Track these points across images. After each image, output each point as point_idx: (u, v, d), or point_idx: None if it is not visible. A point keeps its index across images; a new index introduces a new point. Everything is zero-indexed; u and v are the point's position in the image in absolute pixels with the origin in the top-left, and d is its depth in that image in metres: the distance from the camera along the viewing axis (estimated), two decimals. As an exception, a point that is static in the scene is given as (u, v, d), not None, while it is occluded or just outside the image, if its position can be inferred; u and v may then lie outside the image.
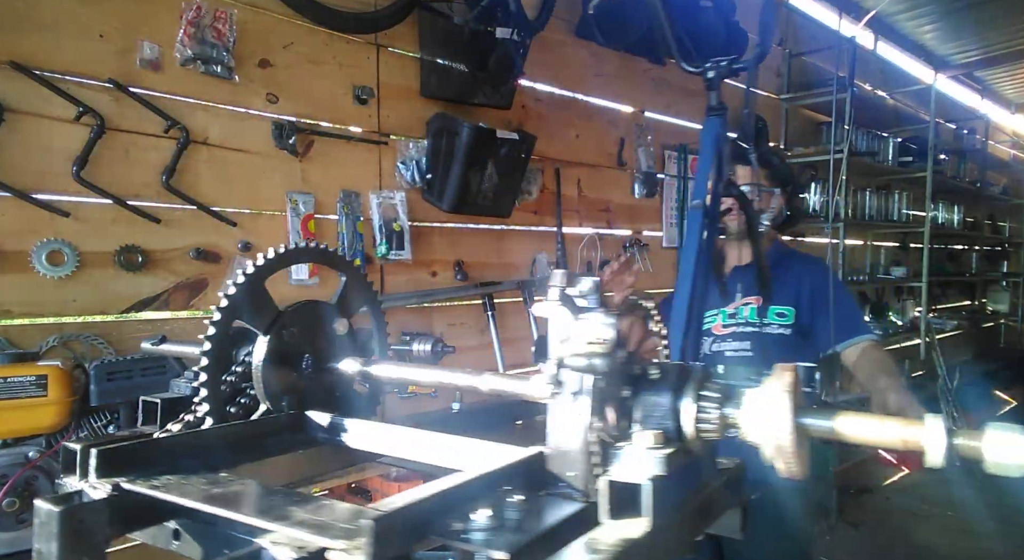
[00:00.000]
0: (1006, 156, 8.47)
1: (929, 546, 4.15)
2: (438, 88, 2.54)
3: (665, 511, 0.55)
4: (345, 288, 0.98)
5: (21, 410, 1.40)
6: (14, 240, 1.69)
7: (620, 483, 0.54)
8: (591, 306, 0.61)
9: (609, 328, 0.58)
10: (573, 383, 0.59)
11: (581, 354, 0.58)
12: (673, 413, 0.60)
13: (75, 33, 1.77)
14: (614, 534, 0.53)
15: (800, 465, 0.57)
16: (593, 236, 3.24)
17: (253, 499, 0.60)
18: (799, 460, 0.57)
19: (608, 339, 0.58)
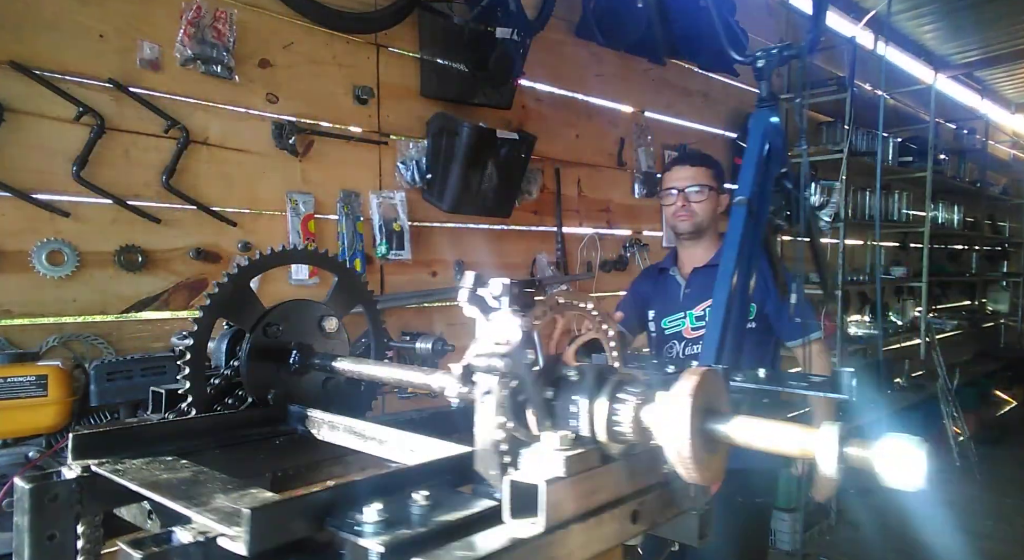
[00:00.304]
0: (1006, 156, 8.47)
1: (929, 546, 4.15)
2: (438, 88, 2.54)
3: (561, 514, 0.53)
4: (336, 288, 1.00)
5: (21, 410, 1.40)
6: (14, 240, 1.69)
7: (520, 483, 0.53)
8: (500, 307, 0.60)
9: (515, 329, 0.58)
10: (485, 383, 0.59)
11: (484, 354, 0.57)
12: (588, 415, 0.60)
13: (75, 33, 1.77)
14: (504, 534, 0.52)
15: (704, 472, 0.55)
16: (593, 236, 3.24)
17: (189, 485, 0.62)
18: (702, 467, 0.54)
19: (513, 340, 0.57)
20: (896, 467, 0.48)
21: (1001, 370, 6.97)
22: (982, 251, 7.76)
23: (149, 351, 1.83)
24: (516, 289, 0.60)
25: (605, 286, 3.34)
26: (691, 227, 2.17)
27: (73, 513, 0.66)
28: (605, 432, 0.59)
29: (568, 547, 0.54)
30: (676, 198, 2.17)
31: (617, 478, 0.59)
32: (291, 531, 0.52)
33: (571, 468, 0.54)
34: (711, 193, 2.18)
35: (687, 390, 0.54)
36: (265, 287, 2.01)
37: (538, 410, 0.62)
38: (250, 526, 0.49)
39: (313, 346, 0.94)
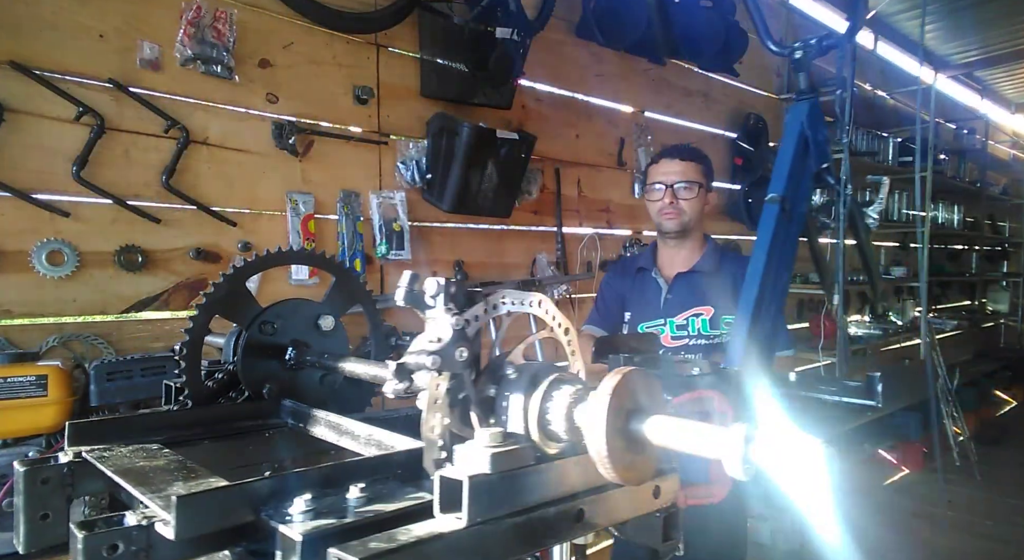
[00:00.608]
0: (1006, 156, 8.47)
1: (929, 546, 4.14)
2: (438, 88, 2.54)
3: (486, 511, 0.53)
4: (334, 287, 1.02)
5: (21, 410, 1.40)
6: (14, 240, 1.69)
7: (447, 478, 0.53)
8: (435, 306, 0.61)
9: (447, 327, 0.58)
10: (422, 380, 0.59)
11: (416, 352, 0.58)
12: (522, 413, 0.60)
13: (75, 33, 1.77)
14: (427, 528, 0.53)
15: (626, 472, 0.54)
16: (593, 236, 3.24)
17: (157, 473, 0.65)
18: (622, 467, 0.54)
19: (445, 338, 0.57)
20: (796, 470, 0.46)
21: (1001, 370, 6.97)
22: (982, 251, 7.76)
23: (149, 351, 1.83)
24: (452, 288, 0.60)
25: (605, 286, 3.34)
26: (678, 226, 2.04)
27: (65, 495, 0.70)
28: (538, 430, 0.59)
29: (494, 543, 0.54)
30: (663, 194, 2.03)
31: (556, 477, 0.59)
32: (221, 519, 0.54)
33: (498, 465, 0.54)
34: (700, 190, 2.05)
35: (607, 389, 0.53)
36: (265, 287, 2.01)
37: (477, 407, 0.63)
38: (176, 512, 0.51)
39: (310, 344, 0.95)
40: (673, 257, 2.12)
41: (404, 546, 0.50)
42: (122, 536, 0.54)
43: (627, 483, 0.55)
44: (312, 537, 0.50)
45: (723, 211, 4.14)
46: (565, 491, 0.60)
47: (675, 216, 2.03)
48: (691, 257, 2.09)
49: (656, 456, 0.57)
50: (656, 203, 2.06)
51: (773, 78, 4.47)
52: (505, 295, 0.65)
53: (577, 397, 0.58)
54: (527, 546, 0.57)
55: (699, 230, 2.12)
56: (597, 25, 3.02)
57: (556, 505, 0.59)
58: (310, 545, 0.50)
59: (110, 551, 0.53)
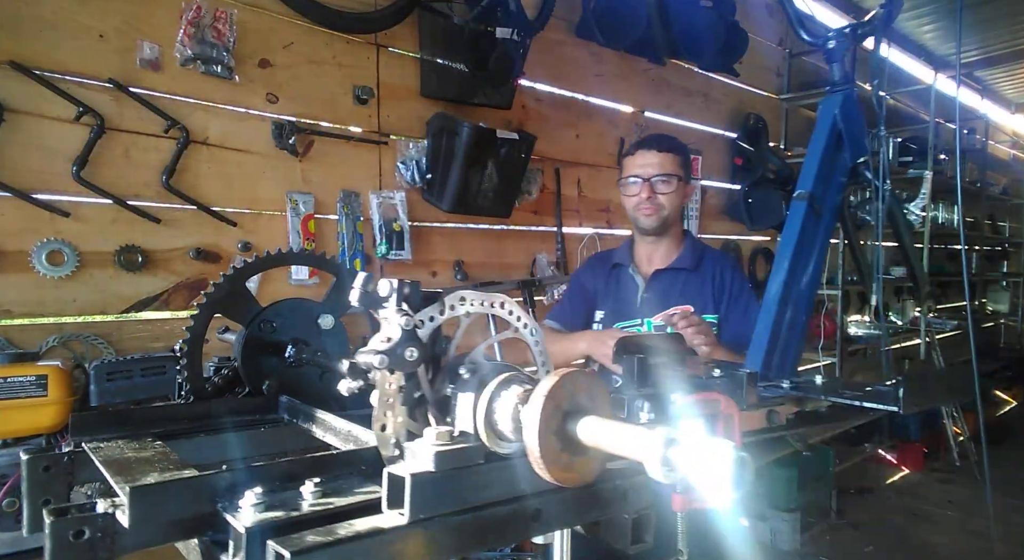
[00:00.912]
0: (1006, 156, 8.47)
1: (929, 546, 4.15)
2: (438, 88, 2.54)
3: (429, 508, 0.54)
4: (334, 287, 1.04)
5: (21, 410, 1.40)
6: (14, 240, 1.70)
7: (393, 475, 0.54)
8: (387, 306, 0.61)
9: (396, 327, 0.59)
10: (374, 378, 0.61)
11: (367, 351, 0.58)
12: (471, 412, 0.60)
13: (75, 33, 1.77)
14: (369, 523, 0.53)
15: (562, 473, 0.54)
16: (593, 236, 3.24)
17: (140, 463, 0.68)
18: (556, 467, 0.53)
19: (394, 338, 0.58)
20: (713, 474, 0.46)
21: (1001, 370, 6.96)
22: (982, 251, 7.75)
23: (149, 351, 1.83)
24: (406, 289, 0.61)
25: (605, 286, 3.34)
26: (656, 222, 1.93)
27: (66, 482, 0.74)
28: (485, 430, 0.59)
29: (438, 540, 0.55)
30: (640, 188, 1.91)
31: (507, 477, 0.59)
32: (177, 509, 0.56)
33: (442, 463, 0.55)
34: (679, 183, 1.92)
35: (542, 390, 0.53)
36: (265, 286, 2.01)
37: (433, 407, 0.63)
38: (129, 501, 0.54)
39: (310, 342, 0.96)
40: (651, 253, 2.02)
41: (342, 540, 0.50)
42: (88, 522, 0.56)
43: (565, 484, 0.55)
44: (256, 529, 0.52)
45: (723, 211, 4.14)
46: (518, 491, 0.60)
47: (653, 211, 1.92)
48: (670, 254, 2.00)
49: (601, 458, 0.57)
50: (632, 198, 1.95)
51: (773, 78, 4.47)
52: (464, 296, 0.65)
53: (523, 398, 0.58)
54: (476, 544, 0.57)
55: (678, 225, 2.02)
56: (597, 25, 3.02)
57: (509, 504, 0.59)
58: (253, 537, 0.51)
59: (76, 536, 0.55)
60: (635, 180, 1.93)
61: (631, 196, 1.95)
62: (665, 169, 1.90)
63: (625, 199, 1.99)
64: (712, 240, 4.07)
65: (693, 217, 3.82)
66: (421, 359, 0.60)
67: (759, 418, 1.04)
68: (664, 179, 1.90)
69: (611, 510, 0.67)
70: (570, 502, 0.64)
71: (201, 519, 0.57)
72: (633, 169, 1.95)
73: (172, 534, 0.57)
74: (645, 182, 1.90)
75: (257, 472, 0.60)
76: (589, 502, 0.65)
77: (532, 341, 0.70)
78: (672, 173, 1.91)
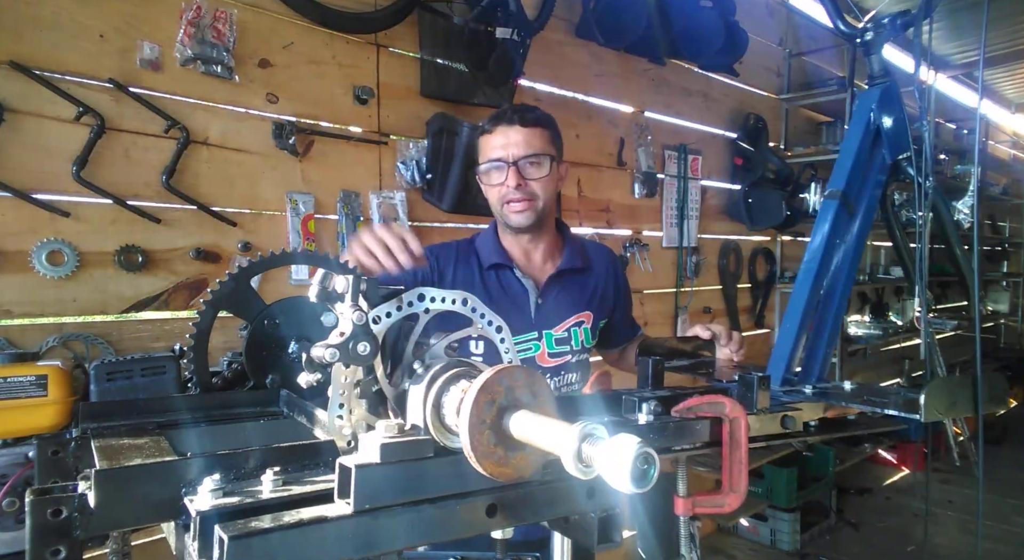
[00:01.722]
0: (1006, 156, 8.47)
1: (929, 546, 4.15)
2: (438, 88, 2.54)
3: (374, 499, 0.55)
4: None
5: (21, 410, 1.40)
6: (14, 240, 1.70)
7: (342, 466, 0.55)
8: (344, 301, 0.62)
9: (348, 322, 0.60)
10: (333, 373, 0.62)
11: (320, 345, 0.60)
12: (421, 406, 0.61)
13: (75, 33, 1.77)
14: (314, 512, 0.54)
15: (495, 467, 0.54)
16: (593, 236, 3.24)
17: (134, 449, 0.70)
18: (489, 461, 0.54)
19: (347, 332, 0.59)
20: (616, 469, 0.46)
21: (1001, 370, 6.96)
22: (982, 251, 7.75)
23: (149, 351, 1.83)
24: (363, 286, 0.62)
25: (605, 286, 3.34)
26: (531, 218, 1.56)
27: (72, 467, 0.78)
28: (433, 423, 0.60)
29: (384, 531, 0.56)
30: (505, 174, 1.53)
31: (459, 470, 0.59)
32: (141, 493, 0.58)
33: (388, 455, 0.55)
34: (552, 165, 1.56)
35: (477, 383, 0.54)
36: (265, 286, 2.01)
37: (393, 401, 0.65)
38: (95, 484, 0.56)
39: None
40: (529, 253, 1.65)
41: (284, 526, 0.52)
42: (65, 502, 0.59)
43: (499, 479, 0.56)
44: (212, 514, 0.53)
45: (723, 211, 4.14)
46: (468, 485, 0.60)
47: (526, 205, 1.54)
48: (552, 252, 1.67)
49: (539, 454, 0.57)
50: (497, 188, 1.57)
51: (773, 78, 4.48)
52: (424, 293, 0.66)
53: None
54: (423, 536, 0.58)
55: (553, 215, 1.68)
56: (597, 25, 3.02)
57: (459, 498, 0.60)
58: (207, 521, 0.53)
59: (54, 514, 0.59)
60: (498, 164, 1.54)
61: (494, 186, 1.57)
62: (533, 148, 1.53)
63: (487, 190, 1.61)
64: (712, 240, 4.08)
65: (693, 217, 3.82)
66: (374, 353, 0.61)
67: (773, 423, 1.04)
68: (534, 161, 1.53)
69: (574, 508, 0.67)
70: (528, 498, 0.64)
71: (168, 503, 0.59)
72: (493, 151, 1.56)
73: (140, 516, 0.59)
74: (511, 166, 1.52)
75: (222, 460, 0.62)
76: (549, 499, 0.65)
77: (497, 338, 0.71)
78: (543, 152, 1.54)
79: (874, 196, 1.50)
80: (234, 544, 0.49)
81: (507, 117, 1.57)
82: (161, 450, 0.69)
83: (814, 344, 1.40)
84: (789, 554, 3.98)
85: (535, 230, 1.61)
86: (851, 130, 1.50)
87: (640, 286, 3.55)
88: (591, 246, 1.79)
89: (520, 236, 1.63)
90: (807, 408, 1.11)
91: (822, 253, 1.38)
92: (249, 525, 0.51)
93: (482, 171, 1.60)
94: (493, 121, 1.59)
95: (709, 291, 4.07)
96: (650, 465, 0.46)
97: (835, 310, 1.43)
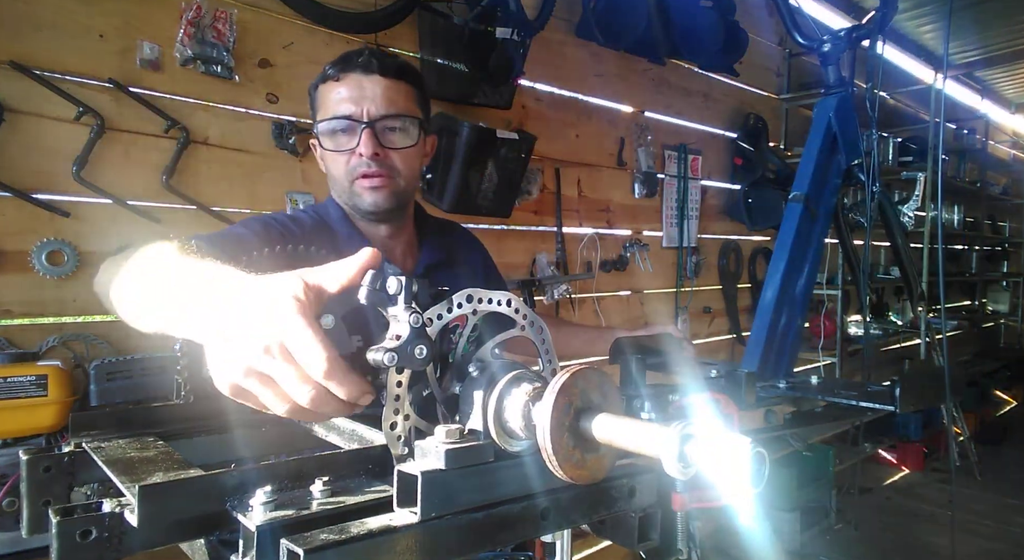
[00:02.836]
0: (1006, 156, 8.47)
1: (929, 546, 4.15)
2: (438, 88, 2.54)
3: (441, 506, 0.54)
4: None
5: (21, 410, 1.41)
6: (14, 240, 1.69)
7: (404, 473, 0.54)
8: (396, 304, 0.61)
9: (405, 325, 0.59)
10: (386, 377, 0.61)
11: (376, 349, 0.59)
12: (481, 410, 0.60)
13: (75, 33, 1.77)
14: (380, 521, 0.53)
15: (574, 470, 0.54)
16: (593, 236, 3.24)
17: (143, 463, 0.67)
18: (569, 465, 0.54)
19: (403, 335, 0.59)
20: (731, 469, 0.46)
21: (1001, 370, 6.97)
22: (982, 251, 7.76)
23: (149, 351, 1.83)
24: (414, 287, 0.61)
25: (605, 286, 3.34)
26: (392, 201, 1.22)
27: (66, 483, 0.74)
28: (495, 428, 0.59)
29: (449, 538, 0.55)
30: (357, 137, 1.17)
31: (517, 474, 0.59)
32: (184, 508, 0.56)
33: (453, 461, 0.55)
34: (420, 133, 1.24)
35: (554, 387, 0.54)
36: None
37: (442, 405, 0.64)
38: (138, 500, 0.53)
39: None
40: (390, 243, 1.33)
41: (355, 538, 0.50)
42: (95, 522, 0.56)
43: (577, 481, 0.55)
44: (267, 528, 0.52)
45: (723, 211, 4.14)
46: (528, 489, 0.60)
47: (383, 181, 1.19)
48: (412, 240, 1.39)
49: (613, 455, 0.57)
50: (344, 156, 1.20)
51: (773, 78, 4.48)
52: (471, 294, 0.65)
53: (534, 395, 0.59)
54: (487, 542, 0.57)
55: (413, 200, 1.36)
56: (597, 25, 3.02)
57: (519, 502, 0.59)
58: (265, 535, 0.51)
59: (83, 536, 0.55)
60: (347, 124, 1.18)
61: (339, 152, 1.20)
62: (398, 106, 1.18)
63: (330, 158, 1.24)
64: (712, 240, 4.08)
65: (693, 217, 3.82)
66: (430, 357, 0.60)
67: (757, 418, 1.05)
68: (397, 125, 1.19)
69: (618, 508, 0.67)
70: (578, 500, 0.64)
71: (209, 518, 0.57)
72: (340, 105, 1.18)
73: (180, 534, 0.57)
74: (366, 128, 1.16)
75: (265, 471, 0.60)
76: (597, 500, 0.65)
77: (538, 339, 0.70)
78: (408, 113, 1.20)
79: (832, 199, 1.56)
80: (310, 558, 0.47)
81: (362, 62, 1.18)
82: (178, 462, 0.67)
83: (783, 340, 1.43)
84: (789, 554, 3.98)
85: (396, 218, 1.28)
86: (811, 136, 1.57)
87: (640, 286, 3.55)
88: (451, 232, 1.51)
89: (378, 226, 1.28)
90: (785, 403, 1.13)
91: (788, 253, 1.43)
92: (319, 538, 0.49)
93: (323, 131, 1.20)
94: (342, 65, 1.20)
95: (709, 291, 4.07)
96: (763, 464, 0.46)
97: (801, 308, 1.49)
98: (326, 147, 1.23)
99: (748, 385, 1.04)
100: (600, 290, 3.31)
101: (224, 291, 0.61)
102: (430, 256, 1.38)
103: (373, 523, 0.53)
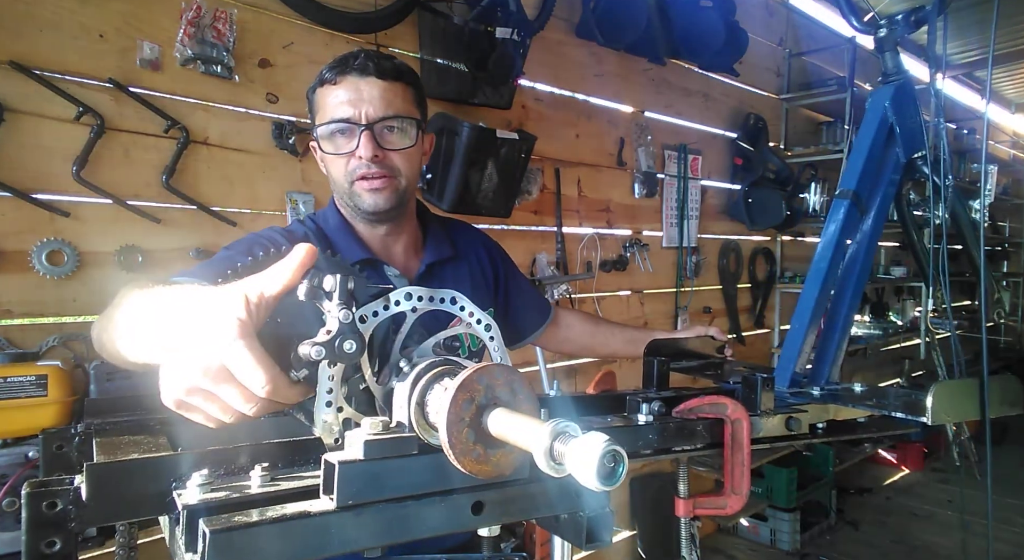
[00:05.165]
0: (1006, 156, 8.47)
1: (929, 546, 4.15)
2: (438, 88, 2.54)
3: (357, 495, 0.55)
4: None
5: (21, 410, 1.41)
6: (14, 240, 1.69)
7: (327, 462, 0.56)
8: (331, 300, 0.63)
9: (334, 321, 0.61)
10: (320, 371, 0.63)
11: (307, 343, 0.61)
12: (406, 404, 0.61)
13: (75, 33, 1.77)
14: (297, 507, 0.55)
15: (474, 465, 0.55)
16: (593, 236, 3.24)
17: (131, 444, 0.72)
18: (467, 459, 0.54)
19: (333, 330, 0.60)
20: (584, 466, 0.46)
21: (1001, 370, 6.96)
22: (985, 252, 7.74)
23: (149, 351, 1.83)
24: (350, 285, 0.63)
25: (605, 286, 3.34)
26: (393, 201, 1.24)
27: (76, 460, 0.80)
28: (417, 420, 0.60)
29: (366, 527, 0.56)
30: (357, 139, 1.19)
31: (443, 467, 0.59)
32: (129, 487, 0.60)
33: (372, 452, 0.56)
34: (419, 134, 1.26)
35: (456, 381, 0.54)
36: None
37: (380, 400, 0.66)
38: (86, 478, 0.58)
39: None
40: (391, 247, 1.35)
41: (267, 521, 0.52)
42: (60, 495, 0.60)
43: (479, 476, 0.56)
44: (199, 508, 0.54)
45: (723, 211, 4.14)
46: (452, 482, 0.60)
47: (384, 182, 1.22)
48: (415, 240, 1.40)
49: (520, 451, 0.57)
50: (343, 159, 1.22)
51: (773, 78, 4.48)
52: (411, 292, 0.66)
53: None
54: (406, 532, 0.58)
55: (415, 199, 1.38)
56: (597, 25, 3.02)
57: (443, 496, 0.60)
58: (191, 515, 0.54)
59: (49, 507, 0.60)
60: (346, 126, 1.20)
61: (340, 155, 1.22)
62: (396, 108, 1.20)
63: (330, 161, 1.26)
64: (712, 240, 4.08)
65: (693, 217, 3.82)
66: (360, 352, 0.62)
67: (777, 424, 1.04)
68: (396, 125, 1.21)
69: (563, 508, 0.68)
70: (516, 496, 0.64)
71: (158, 498, 0.60)
72: (339, 108, 1.20)
73: (131, 511, 0.61)
74: (365, 130, 1.18)
75: (211, 456, 0.63)
76: (537, 497, 0.65)
77: (486, 336, 0.71)
78: (407, 114, 1.22)
79: (888, 195, 1.47)
80: (216, 538, 0.50)
81: (359, 64, 1.19)
82: (158, 446, 0.71)
83: (823, 345, 1.39)
84: (789, 554, 3.98)
85: (396, 218, 1.30)
86: (864, 128, 1.46)
87: (640, 286, 3.55)
88: (457, 229, 1.53)
89: (377, 226, 1.30)
90: (813, 410, 1.11)
91: (832, 253, 1.36)
92: (232, 519, 0.52)
93: (322, 135, 1.22)
94: (338, 69, 1.21)
95: (709, 291, 4.07)
96: (618, 463, 0.46)
97: (845, 311, 1.41)
98: (325, 150, 1.25)
99: (765, 390, 1.02)
100: (600, 290, 3.31)
101: (175, 310, 0.65)
102: (434, 253, 1.40)
103: (291, 508, 0.55)
